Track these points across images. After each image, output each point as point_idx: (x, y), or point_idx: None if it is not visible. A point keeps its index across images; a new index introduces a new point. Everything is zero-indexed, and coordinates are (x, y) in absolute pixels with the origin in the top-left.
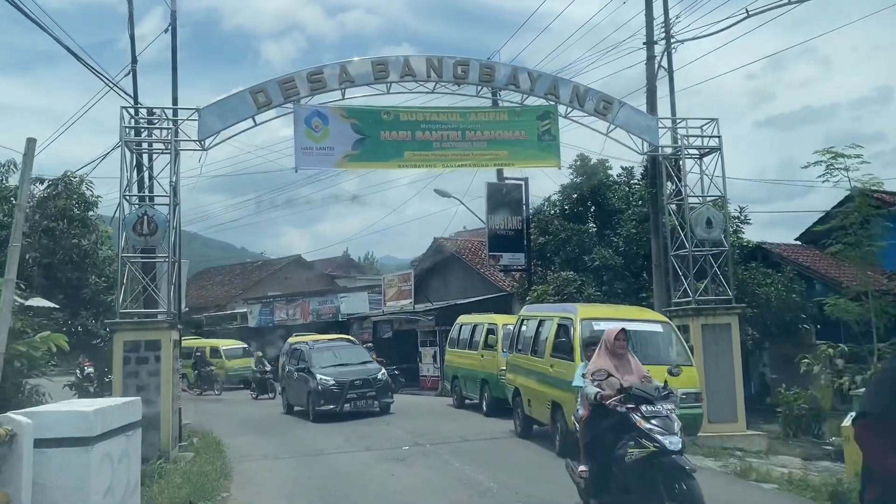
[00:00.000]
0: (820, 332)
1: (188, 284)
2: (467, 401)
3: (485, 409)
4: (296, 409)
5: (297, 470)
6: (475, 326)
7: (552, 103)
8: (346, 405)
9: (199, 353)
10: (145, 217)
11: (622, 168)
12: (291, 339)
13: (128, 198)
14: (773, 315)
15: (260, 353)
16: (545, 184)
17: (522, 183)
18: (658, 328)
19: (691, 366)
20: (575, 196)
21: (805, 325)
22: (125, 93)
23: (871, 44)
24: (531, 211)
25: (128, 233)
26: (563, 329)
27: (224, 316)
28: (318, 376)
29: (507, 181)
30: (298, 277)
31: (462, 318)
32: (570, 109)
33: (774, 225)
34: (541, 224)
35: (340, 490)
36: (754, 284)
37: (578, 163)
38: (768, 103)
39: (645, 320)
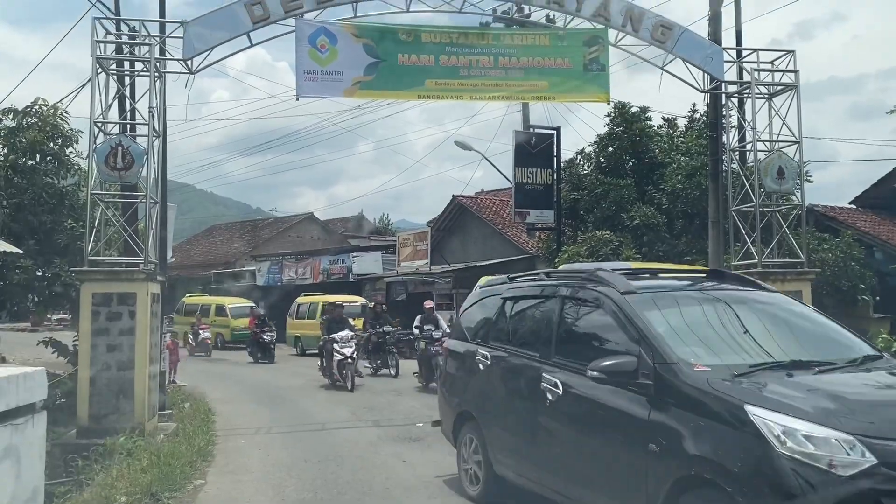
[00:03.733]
0: (878, 304)
1: (196, 240)
2: None
3: None
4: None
5: (292, 450)
6: None
7: (601, 27)
8: None
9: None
10: (119, 148)
11: (663, 119)
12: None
13: (100, 125)
14: (828, 284)
15: (261, 312)
16: (575, 138)
17: (553, 133)
18: None
19: None
20: (611, 148)
21: (864, 297)
22: (104, 5)
23: None
24: (562, 164)
25: (99, 166)
26: None
27: (232, 273)
28: (779, 430)
29: (536, 130)
30: (310, 236)
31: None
32: (621, 36)
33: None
34: (573, 179)
35: (340, 481)
36: (809, 250)
37: (615, 111)
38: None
39: None
